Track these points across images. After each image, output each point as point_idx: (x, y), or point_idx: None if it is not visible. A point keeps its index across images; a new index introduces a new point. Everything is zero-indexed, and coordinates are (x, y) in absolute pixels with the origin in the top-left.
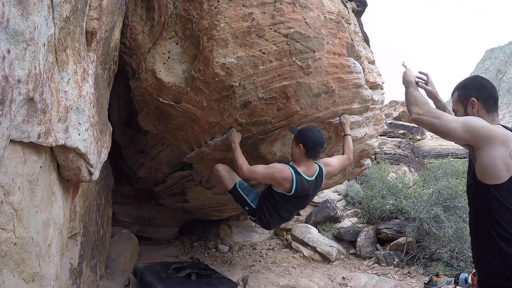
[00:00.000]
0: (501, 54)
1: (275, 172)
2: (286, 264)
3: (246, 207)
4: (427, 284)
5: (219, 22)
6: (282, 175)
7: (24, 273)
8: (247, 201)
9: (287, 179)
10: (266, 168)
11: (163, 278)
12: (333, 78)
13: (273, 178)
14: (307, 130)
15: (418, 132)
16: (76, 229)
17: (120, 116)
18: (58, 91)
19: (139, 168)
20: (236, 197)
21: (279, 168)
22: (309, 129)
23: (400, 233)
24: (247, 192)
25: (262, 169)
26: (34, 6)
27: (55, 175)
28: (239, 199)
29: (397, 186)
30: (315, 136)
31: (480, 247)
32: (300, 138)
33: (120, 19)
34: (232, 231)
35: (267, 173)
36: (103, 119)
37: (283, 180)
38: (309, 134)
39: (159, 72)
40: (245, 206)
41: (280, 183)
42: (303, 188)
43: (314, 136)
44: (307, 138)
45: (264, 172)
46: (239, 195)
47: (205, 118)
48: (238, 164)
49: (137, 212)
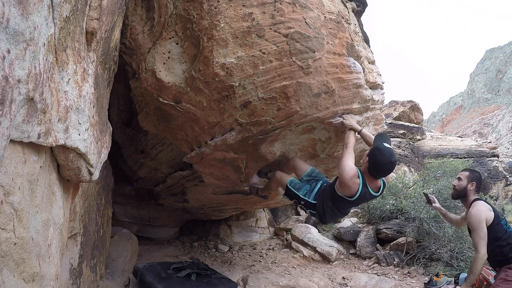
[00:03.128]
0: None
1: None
2: (286, 264)
3: (302, 202)
4: (427, 284)
5: (219, 22)
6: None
7: (24, 273)
8: (300, 196)
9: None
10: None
11: (163, 278)
12: (333, 78)
13: (342, 178)
14: (382, 151)
15: (418, 132)
16: (76, 229)
17: (120, 116)
18: (58, 91)
19: (139, 168)
20: (291, 196)
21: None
22: (385, 151)
23: (400, 233)
24: (298, 188)
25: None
26: (34, 6)
27: (55, 175)
28: (294, 197)
29: (397, 186)
30: (383, 163)
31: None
32: (371, 155)
33: (120, 19)
34: (232, 231)
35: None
36: (103, 119)
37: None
38: (379, 157)
39: (159, 72)
40: (300, 201)
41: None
42: (364, 198)
43: (382, 162)
44: (376, 161)
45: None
46: (292, 193)
47: (205, 118)
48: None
49: (137, 212)
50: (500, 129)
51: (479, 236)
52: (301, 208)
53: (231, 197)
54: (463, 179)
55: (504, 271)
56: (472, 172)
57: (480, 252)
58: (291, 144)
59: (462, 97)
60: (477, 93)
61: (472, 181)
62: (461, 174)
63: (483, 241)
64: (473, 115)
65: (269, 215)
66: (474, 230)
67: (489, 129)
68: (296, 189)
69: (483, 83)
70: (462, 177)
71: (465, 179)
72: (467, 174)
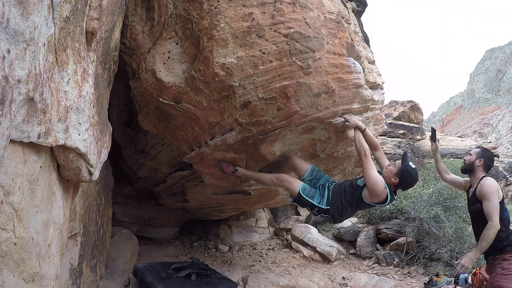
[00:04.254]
0: (501, 54)
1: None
2: (286, 264)
3: (315, 209)
4: (427, 284)
5: (219, 22)
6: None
7: (24, 273)
8: (314, 204)
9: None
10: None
11: (163, 278)
12: (333, 78)
13: (372, 190)
14: (412, 174)
15: (418, 132)
16: (76, 229)
17: (120, 116)
18: (58, 91)
19: (139, 168)
20: (302, 203)
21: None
22: (413, 174)
23: (400, 233)
24: (312, 196)
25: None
26: (34, 6)
27: (55, 175)
28: (307, 204)
29: None
30: (412, 183)
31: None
32: (403, 176)
33: (120, 19)
34: (232, 231)
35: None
36: (103, 119)
37: (378, 196)
38: (410, 180)
39: (159, 72)
40: (314, 208)
41: (372, 195)
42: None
43: (412, 183)
44: (407, 182)
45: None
46: (305, 201)
47: (205, 118)
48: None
49: (137, 212)
50: (500, 129)
51: (493, 205)
52: (313, 213)
53: (231, 197)
54: (472, 155)
55: (499, 263)
56: (483, 150)
57: (493, 221)
58: (291, 144)
59: (462, 97)
60: (477, 93)
61: (480, 157)
62: (472, 150)
63: (496, 210)
64: (473, 115)
65: (269, 215)
66: (488, 199)
67: (489, 129)
68: (310, 197)
69: (483, 83)
70: (472, 153)
71: (474, 155)
72: (477, 151)
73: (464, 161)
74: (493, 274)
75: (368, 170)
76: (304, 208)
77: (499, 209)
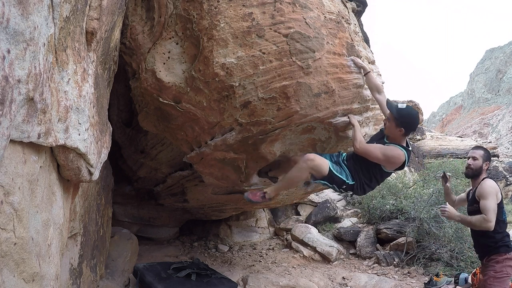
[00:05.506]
0: (501, 54)
1: (396, 158)
2: (286, 264)
3: (344, 185)
4: (427, 284)
5: (219, 22)
6: (400, 160)
7: (24, 273)
8: (344, 180)
9: (402, 161)
10: (385, 151)
11: (163, 278)
12: (333, 78)
13: (392, 163)
14: (409, 117)
15: (418, 132)
16: (76, 229)
17: (120, 116)
18: (58, 91)
19: (139, 168)
20: (332, 180)
21: (398, 153)
22: (410, 114)
23: (400, 233)
24: (340, 172)
25: (378, 151)
26: (34, 6)
27: (55, 175)
28: (336, 181)
29: (397, 186)
30: (416, 123)
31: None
32: (402, 123)
33: (120, 19)
34: (232, 231)
35: (386, 157)
36: (103, 119)
37: (400, 162)
38: (410, 119)
39: (159, 72)
40: (343, 185)
41: (394, 165)
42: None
43: (416, 120)
44: (410, 122)
45: (380, 154)
46: (336, 178)
47: (205, 118)
48: (358, 139)
49: (137, 212)
50: (500, 129)
51: (489, 203)
52: (340, 191)
53: (231, 197)
54: (478, 158)
55: (492, 266)
56: (485, 151)
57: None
58: (291, 144)
59: (462, 97)
60: (477, 93)
61: (487, 160)
62: (475, 153)
63: (492, 210)
64: (473, 115)
65: (269, 215)
66: (485, 198)
67: (489, 129)
68: (339, 173)
69: (483, 83)
70: (477, 156)
71: (481, 158)
72: (482, 153)
73: (468, 165)
74: (485, 276)
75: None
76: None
77: (496, 210)
